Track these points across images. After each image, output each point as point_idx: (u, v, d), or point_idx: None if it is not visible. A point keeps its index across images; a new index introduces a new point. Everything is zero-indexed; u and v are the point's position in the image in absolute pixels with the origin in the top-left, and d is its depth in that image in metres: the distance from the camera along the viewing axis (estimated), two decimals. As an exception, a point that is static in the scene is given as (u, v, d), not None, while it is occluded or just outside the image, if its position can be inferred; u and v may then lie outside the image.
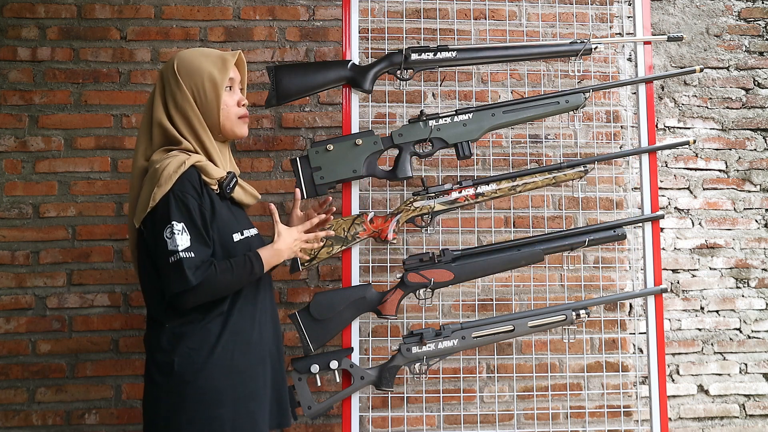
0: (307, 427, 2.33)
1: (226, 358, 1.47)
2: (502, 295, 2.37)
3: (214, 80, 1.52)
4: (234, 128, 1.57)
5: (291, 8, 2.48)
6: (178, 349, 1.45)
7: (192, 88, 1.52)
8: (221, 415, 1.44)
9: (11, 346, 2.29)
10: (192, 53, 1.56)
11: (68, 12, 2.41)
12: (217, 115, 1.53)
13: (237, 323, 1.51)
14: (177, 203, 1.43)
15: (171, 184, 1.43)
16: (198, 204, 1.45)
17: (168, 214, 1.42)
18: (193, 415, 1.43)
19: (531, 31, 2.48)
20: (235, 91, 1.59)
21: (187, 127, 1.52)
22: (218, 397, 1.45)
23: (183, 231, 1.42)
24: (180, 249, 1.41)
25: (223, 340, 1.47)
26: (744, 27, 2.65)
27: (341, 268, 1.99)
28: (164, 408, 1.45)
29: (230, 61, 1.55)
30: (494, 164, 2.43)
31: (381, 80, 2.13)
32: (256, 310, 1.56)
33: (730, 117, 2.62)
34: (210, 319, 1.48)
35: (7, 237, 2.32)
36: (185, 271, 1.39)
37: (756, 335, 2.55)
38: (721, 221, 2.58)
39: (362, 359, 2.05)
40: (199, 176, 1.48)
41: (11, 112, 2.36)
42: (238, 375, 1.48)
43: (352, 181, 1.98)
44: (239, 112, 1.58)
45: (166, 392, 1.45)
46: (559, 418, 2.36)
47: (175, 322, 1.48)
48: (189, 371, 1.44)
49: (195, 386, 1.43)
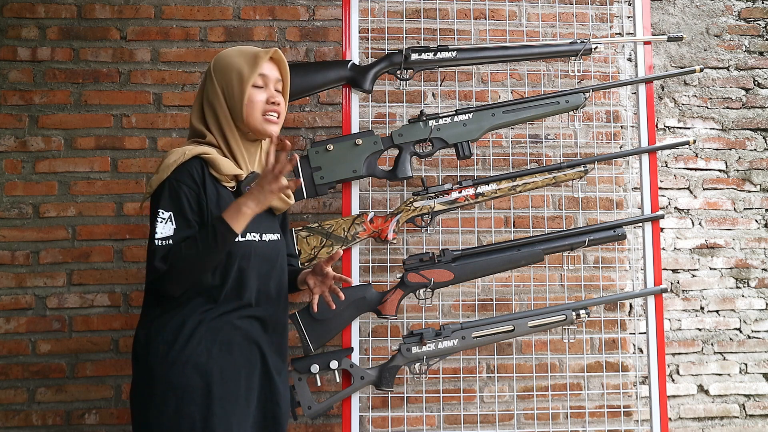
0: (307, 427, 2.33)
1: (201, 356, 1.43)
2: (502, 295, 2.37)
3: (241, 75, 1.51)
4: (259, 125, 1.52)
5: (291, 8, 2.48)
6: (152, 343, 1.44)
7: (222, 84, 1.51)
8: (192, 412, 1.40)
9: (11, 346, 2.29)
10: (230, 51, 1.56)
11: (68, 12, 2.41)
12: (241, 111, 1.50)
13: (215, 321, 1.46)
14: (170, 191, 1.43)
15: (168, 172, 1.43)
16: (194, 194, 1.44)
17: (158, 202, 1.43)
18: (162, 410, 1.40)
19: (531, 31, 2.48)
20: (267, 89, 1.54)
21: (213, 121, 1.52)
22: (189, 394, 1.41)
23: (168, 220, 1.42)
24: (157, 236, 1.40)
25: (197, 338, 1.43)
26: (744, 27, 2.65)
27: (341, 268, 1.99)
28: (138, 402, 1.45)
29: (262, 58, 1.52)
30: (494, 164, 2.43)
31: (381, 80, 2.13)
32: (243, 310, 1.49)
33: (730, 117, 2.62)
34: (186, 315, 1.44)
35: (7, 237, 2.32)
36: (155, 260, 1.39)
37: (756, 335, 2.55)
38: (721, 221, 2.58)
39: (362, 359, 2.05)
40: (203, 168, 1.47)
41: (11, 112, 2.36)
42: (213, 374, 1.43)
43: (352, 181, 1.98)
44: (266, 109, 1.53)
45: (141, 386, 1.45)
46: (559, 418, 2.36)
47: (153, 316, 1.47)
48: (160, 366, 1.41)
49: (165, 381, 1.41)
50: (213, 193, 1.47)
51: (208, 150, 1.48)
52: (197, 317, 1.45)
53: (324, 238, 1.93)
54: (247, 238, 1.50)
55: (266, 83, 1.54)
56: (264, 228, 1.54)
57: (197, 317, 1.45)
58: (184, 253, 1.39)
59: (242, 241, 1.48)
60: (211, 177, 1.48)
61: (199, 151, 1.46)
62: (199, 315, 1.45)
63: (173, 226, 1.41)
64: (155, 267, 1.39)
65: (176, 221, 1.42)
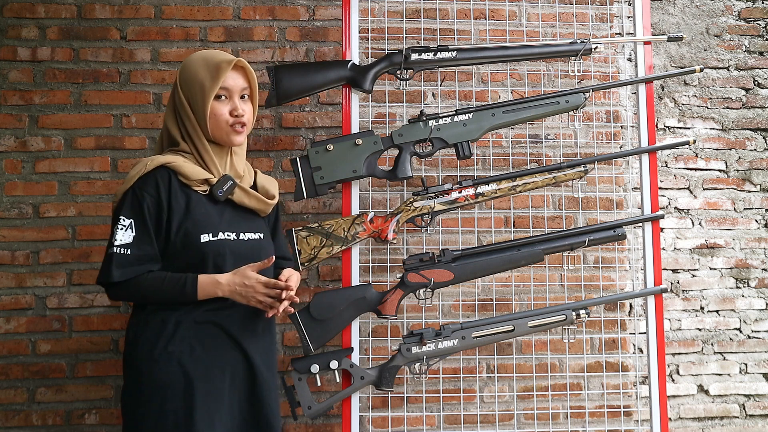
0: (307, 427, 2.33)
1: (183, 354, 1.46)
2: (502, 295, 2.37)
3: (203, 89, 1.53)
4: (225, 137, 1.57)
5: (291, 8, 2.48)
6: (138, 341, 1.48)
7: (188, 95, 1.55)
8: (175, 408, 1.43)
9: (11, 346, 2.29)
10: (195, 59, 1.57)
11: (68, 12, 2.41)
12: (206, 123, 1.55)
13: (196, 318, 1.49)
14: (132, 200, 1.48)
15: (133, 182, 1.49)
16: (155, 203, 1.48)
17: (120, 209, 1.49)
18: (148, 407, 1.43)
19: (531, 31, 2.48)
20: (230, 100, 1.56)
21: (184, 130, 1.56)
22: (172, 391, 1.44)
23: (129, 228, 1.47)
24: (116, 243, 1.46)
25: (179, 335, 1.47)
26: (744, 27, 2.65)
27: (341, 268, 1.99)
28: (126, 399, 1.48)
29: (224, 69, 1.53)
30: (494, 164, 2.43)
31: (381, 80, 2.13)
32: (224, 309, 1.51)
33: (730, 117, 2.62)
34: (167, 313, 1.48)
35: (7, 237, 2.32)
36: (111, 266, 1.45)
37: (756, 335, 2.55)
38: (721, 221, 2.58)
39: (362, 359, 2.05)
40: (171, 176, 1.50)
41: (11, 112, 2.36)
42: (195, 371, 1.45)
43: (352, 181, 1.98)
44: (230, 121, 1.55)
45: (128, 384, 1.48)
46: (559, 418, 2.36)
47: (138, 315, 1.51)
48: (145, 364, 1.45)
49: (150, 379, 1.44)
50: (183, 199, 1.51)
51: (172, 158, 1.52)
52: (178, 316, 1.48)
53: (324, 238, 1.93)
54: (220, 237, 1.53)
55: (230, 95, 1.57)
56: (243, 227, 1.58)
57: (178, 316, 1.48)
58: (146, 284, 1.46)
59: (214, 240, 1.51)
60: (180, 184, 1.52)
61: (162, 160, 1.51)
62: (180, 313, 1.49)
63: (133, 234, 1.47)
64: (110, 273, 1.45)
65: (136, 229, 1.47)
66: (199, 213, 1.52)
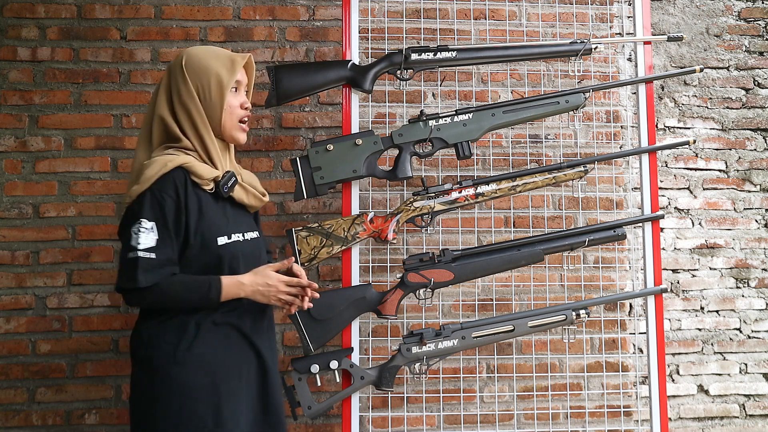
0: (307, 427, 2.33)
1: (207, 355, 1.45)
2: (502, 295, 2.37)
3: (220, 80, 1.52)
4: (234, 132, 1.57)
5: (291, 8, 2.48)
6: (156, 343, 1.45)
7: (198, 85, 1.51)
8: (199, 410, 1.42)
9: (11, 346, 2.29)
10: (202, 51, 1.56)
11: (68, 12, 2.41)
12: (220, 115, 1.52)
13: (215, 320, 1.48)
14: (152, 201, 1.43)
15: (151, 182, 1.43)
16: (175, 205, 1.44)
17: (140, 211, 1.43)
18: (167, 410, 1.42)
19: (531, 31, 2.48)
20: (240, 93, 1.58)
21: (189, 124, 1.51)
22: (196, 393, 1.43)
23: (151, 230, 1.42)
24: (140, 247, 1.40)
25: (201, 337, 1.45)
26: (744, 27, 2.65)
27: (341, 268, 1.99)
28: (144, 403, 1.45)
29: (239, 63, 1.54)
30: (494, 164, 2.43)
31: (381, 80, 2.13)
32: (239, 309, 1.52)
33: (730, 117, 2.62)
34: (186, 315, 1.46)
35: (7, 237, 2.32)
36: (137, 271, 1.39)
37: (756, 335, 2.55)
38: (721, 221, 2.58)
39: (362, 359, 2.05)
40: (186, 177, 1.47)
41: (11, 112, 2.36)
42: (218, 372, 1.45)
43: (352, 181, 1.98)
44: (241, 115, 1.57)
45: (146, 387, 1.46)
46: (559, 418, 2.36)
47: (154, 317, 1.48)
48: (165, 366, 1.43)
49: (173, 381, 1.42)
50: (195, 201, 1.48)
51: (186, 158, 1.49)
52: (197, 318, 1.47)
53: (324, 238, 1.93)
54: (233, 239, 1.52)
55: (238, 87, 1.58)
56: (245, 227, 1.58)
57: (197, 318, 1.47)
58: (171, 288, 1.42)
59: (229, 243, 1.51)
60: (193, 183, 1.49)
61: (181, 161, 1.47)
62: (199, 316, 1.47)
63: (156, 237, 1.42)
64: (136, 278, 1.39)
65: (159, 232, 1.42)
66: (210, 214, 1.50)
